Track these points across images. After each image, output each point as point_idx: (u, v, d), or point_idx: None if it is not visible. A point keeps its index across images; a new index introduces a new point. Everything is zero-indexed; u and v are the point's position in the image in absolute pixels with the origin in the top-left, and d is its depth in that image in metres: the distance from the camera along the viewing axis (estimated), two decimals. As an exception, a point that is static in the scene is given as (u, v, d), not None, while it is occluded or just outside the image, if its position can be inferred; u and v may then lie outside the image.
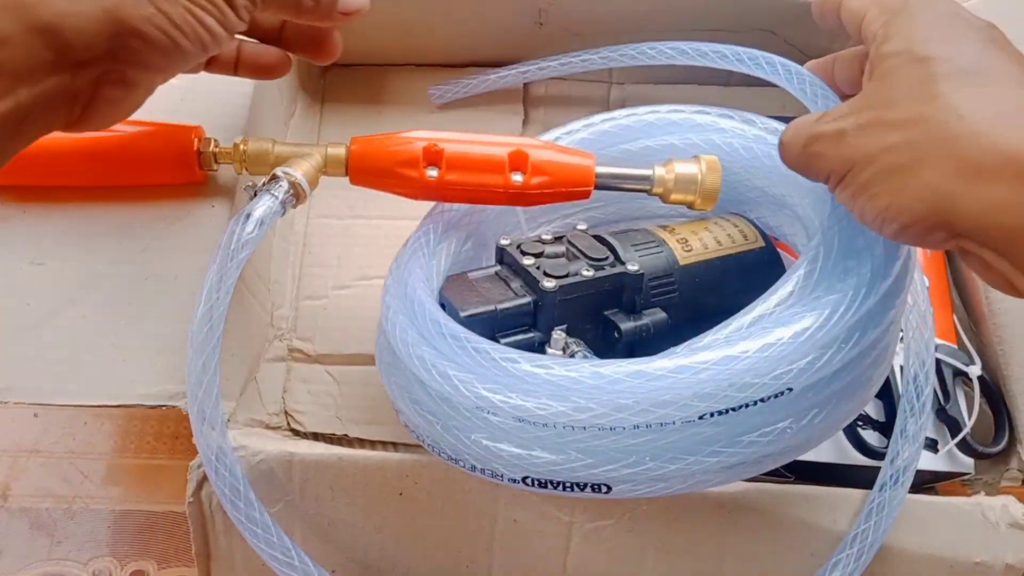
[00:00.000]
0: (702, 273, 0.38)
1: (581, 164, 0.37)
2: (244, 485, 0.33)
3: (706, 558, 0.38)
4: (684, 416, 0.29)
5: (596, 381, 0.29)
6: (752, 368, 0.29)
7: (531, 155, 0.36)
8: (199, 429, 0.33)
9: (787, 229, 0.41)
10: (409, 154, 0.36)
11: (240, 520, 0.33)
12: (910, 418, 0.37)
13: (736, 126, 0.40)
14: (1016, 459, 0.40)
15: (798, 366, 0.29)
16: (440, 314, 0.32)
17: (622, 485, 0.31)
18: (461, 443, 0.32)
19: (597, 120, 0.42)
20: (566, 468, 0.31)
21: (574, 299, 0.35)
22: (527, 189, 0.36)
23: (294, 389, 0.44)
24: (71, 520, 0.46)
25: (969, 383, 0.42)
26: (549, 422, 0.30)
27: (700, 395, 0.29)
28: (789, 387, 0.30)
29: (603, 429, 0.30)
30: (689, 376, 0.29)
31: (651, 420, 0.29)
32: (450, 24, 0.53)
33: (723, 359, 0.29)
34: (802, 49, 0.56)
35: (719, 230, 0.40)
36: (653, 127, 0.41)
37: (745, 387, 0.29)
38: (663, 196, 0.38)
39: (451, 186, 0.36)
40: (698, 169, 0.37)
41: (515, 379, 0.30)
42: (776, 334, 0.29)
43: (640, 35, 0.55)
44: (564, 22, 0.53)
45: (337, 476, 0.38)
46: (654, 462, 0.30)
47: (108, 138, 0.38)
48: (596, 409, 0.29)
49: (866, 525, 0.36)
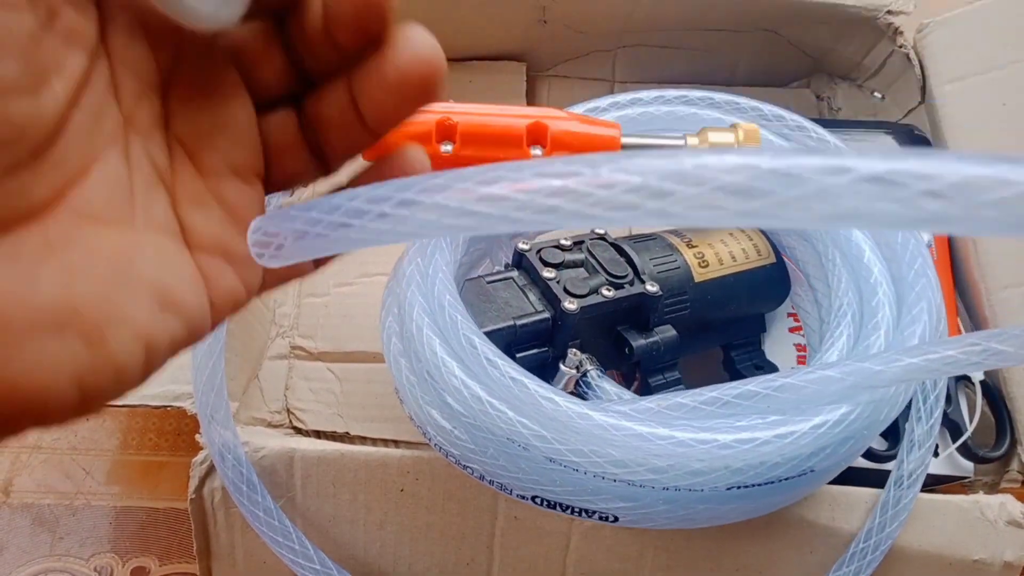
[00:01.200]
0: (714, 290, 0.38)
1: (605, 135, 0.34)
2: (248, 468, 0.34)
3: (705, 556, 0.38)
4: (712, 485, 0.29)
5: (635, 441, 0.29)
6: (780, 452, 0.30)
7: (551, 127, 0.34)
8: (206, 427, 0.33)
9: (799, 253, 0.41)
10: (421, 128, 0.34)
11: (243, 503, 0.34)
12: (916, 423, 0.37)
13: (767, 134, 0.39)
14: (1016, 461, 0.40)
15: (825, 452, 0.30)
16: (475, 333, 0.31)
17: (630, 517, 0.31)
18: (476, 456, 0.32)
19: (624, 100, 0.40)
20: (579, 499, 0.31)
21: (592, 318, 0.34)
22: None
23: (296, 386, 0.44)
24: (73, 516, 0.46)
25: (971, 387, 0.42)
26: (581, 468, 0.29)
27: (731, 470, 0.29)
28: (812, 469, 0.31)
29: (632, 484, 0.30)
30: (722, 451, 0.29)
31: (680, 485, 0.29)
32: (453, 20, 0.52)
33: (759, 441, 0.29)
34: (805, 49, 0.56)
35: (735, 243, 0.39)
36: (682, 121, 0.40)
37: (773, 467, 0.30)
38: None
39: (466, 162, 0.34)
40: (735, 139, 0.35)
41: (551, 420, 0.29)
42: (813, 423, 0.30)
43: (642, 34, 0.55)
44: (567, 19, 0.53)
45: (339, 473, 0.38)
46: (666, 506, 0.31)
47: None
48: (631, 466, 0.29)
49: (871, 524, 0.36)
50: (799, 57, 0.57)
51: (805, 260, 0.40)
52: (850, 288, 0.36)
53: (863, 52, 0.54)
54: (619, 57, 0.57)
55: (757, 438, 0.29)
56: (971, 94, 0.47)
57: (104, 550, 0.45)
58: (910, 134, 0.49)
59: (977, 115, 0.47)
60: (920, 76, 0.50)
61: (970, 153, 0.12)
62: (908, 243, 0.35)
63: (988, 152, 0.12)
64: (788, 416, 0.30)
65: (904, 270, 0.35)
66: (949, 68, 0.48)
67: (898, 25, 0.51)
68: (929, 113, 0.50)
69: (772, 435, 0.29)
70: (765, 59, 0.56)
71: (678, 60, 0.56)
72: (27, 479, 0.48)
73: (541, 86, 0.57)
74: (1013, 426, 0.41)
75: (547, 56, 0.56)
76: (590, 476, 0.30)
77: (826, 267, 0.37)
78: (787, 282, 0.41)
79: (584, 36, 0.54)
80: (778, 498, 0.33)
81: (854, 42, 0.54)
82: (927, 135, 0.50)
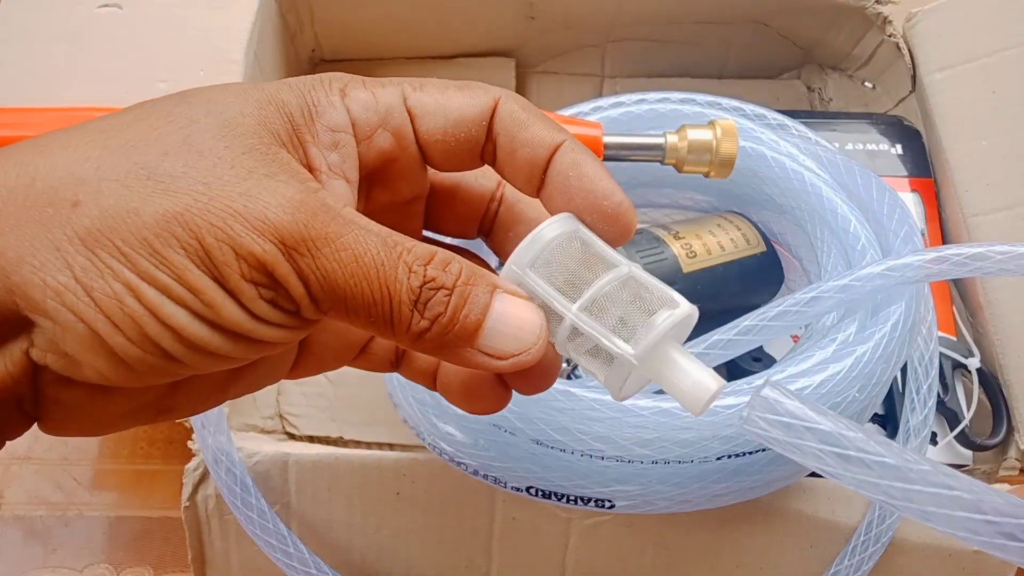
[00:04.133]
0: (704, 280, 0.38)
1: (587, 134, 0.35)
2: (241, 471, 0.33)
3: (704, 552, 0.38)
4: (702, 456, 0.29)
5: (618, 413, 0.29)
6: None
7: None
8: (199, 432, 0.33)
9: (790, 239, 0.41)
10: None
11: (238, 507, 0.33)
12: (911, 413, 0.37)
13: (750, 126, 0.39)
14: (1014, 448, 0.40)
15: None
16: None
17: (626, 503, 0.31)
18: (467, 450, 0.32)
19: (606, 104, 0.40)
20: (573, 484, 0.31)
21: None
22: None
23: (288, 392, 0.43)
24: (66, 527, 0.45)
25: (967, 375, 0.42)
26: (568, 448, 0.29)
27: (719, 438, 0.29)
28: None
29: (622, 461, 0.30)
30: (711, 419, 0.29)
31: (670, 457, 0.29)
32: (441, 17, 0.52)
33: (744, 405, 0.29)
34: (795, 40, 0.56)
35: (723, 234, 0.39)
36: (663, 118, 0.40)
37: None
38: (677, 166, 0.36)
39: None
40: (713, 135, 0.35)
41: (534, 402, 0.29)
42: (798, 384, 0.30)
43: (631, 28, 0.55)
44: (555, 15, 0.53)
45: (334, 477, 0.37)
46: (661, 486, 0.30)
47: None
48: (618, 441, 0.29)
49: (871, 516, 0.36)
50: (789, 48, 0.56)
51: (797, 244, 0.40)
52: (839, 263, 0.36)
53: (853, 42, 0.54)
54: (608, 52, 0.56)
55: (742, 403, 0.29)
56: (961, 82, 0.47)
57: (98, 561, 0.44)
58: (899, 125, 0.49)
59: (967, 103, 0.46)
60: (910, 65, 0.50)
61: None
62: (897, 214, 0.36)
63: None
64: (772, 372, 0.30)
65: (891, 239, 0.35)
66: (938, 57, 0.48)
67: (887, 15, 0.51)
68: (920, 102, 0.50)
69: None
70: (755, 51, 0.56)
71: (667, 54, 0.56)
72: (18, 490, 0.47)
73: (530, 82, 0.56)
74: (1010, 413, 0.41)
75: (536, 52, 0.56)
76: (578, 456, 0.30)
77: (816, 247, 0.38)
78: (780, 271, 0.40)
79: (572, 31, 0.54)
80: (775, 473, 0.32)
81: (844, 32, 0.54)
82: (916, 126, 0.50)
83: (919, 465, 0.16)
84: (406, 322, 0.18)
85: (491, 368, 0.18)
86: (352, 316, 0.18)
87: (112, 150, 0.17)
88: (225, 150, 0.17)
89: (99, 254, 0.16)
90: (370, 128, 0.20)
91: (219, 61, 0.44)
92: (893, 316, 0.32)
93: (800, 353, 0.32)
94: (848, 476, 0.17)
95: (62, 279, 0.15)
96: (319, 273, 0.17)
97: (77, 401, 0.17)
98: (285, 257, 0.17)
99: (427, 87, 0.21)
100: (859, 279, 0.31)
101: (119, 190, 0.16)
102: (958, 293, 0.46)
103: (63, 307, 0.15)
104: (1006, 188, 0.44)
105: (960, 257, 0.30)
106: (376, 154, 0.20)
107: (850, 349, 0.31)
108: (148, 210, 0.16)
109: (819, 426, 0.17)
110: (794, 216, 0.38)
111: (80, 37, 0.44)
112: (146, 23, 0.45)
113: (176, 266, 0.16)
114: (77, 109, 0.38)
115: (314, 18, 0.52)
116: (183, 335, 0.16)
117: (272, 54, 0.49)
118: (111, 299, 0.16)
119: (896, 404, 0.40)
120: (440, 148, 0.21)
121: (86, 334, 0.16)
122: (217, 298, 0.16)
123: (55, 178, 0.16)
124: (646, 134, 0.36)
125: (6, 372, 0.16)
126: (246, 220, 0.16)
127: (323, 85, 0.20)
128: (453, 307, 0.18)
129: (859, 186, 0.37)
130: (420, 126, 0.20)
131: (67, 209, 0.16)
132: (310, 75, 0.20)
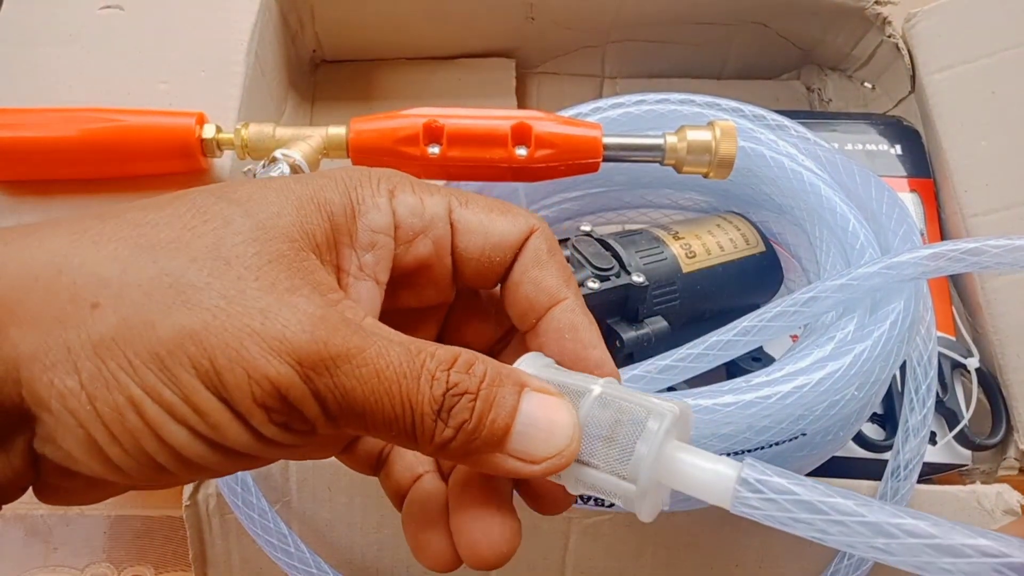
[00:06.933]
0: (704, 280, 0.38)
1: (588, 135, 0.35)
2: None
3: (704, 550, 0.38)
4: None
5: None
6: (766, 413, 0.30)
7: (535, 127, 0.35)
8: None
9: (789, 238, 0.41)
10: (409, 131, 0.35)
11: (238, 506, 0.34)
12: (910, 413, 0.37)
13: (749, 126, 0.39)
14: (1013, 448, 0.40)
15: (813, 414, 0.30)
16: None
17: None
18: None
19: (605, 105, 0.40)
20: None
21: None
22: (532, 163, 0.35)
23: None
24: (67, 526, 0.45)
25: (967, 375, 0.42)
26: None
27: (718, 436, 0.29)
28: (803, 432, 0.31)
29: None
30: (710, 416, 0.29)
31: None
32: (441, 17, 0.52)
33: (744, 403, 0.30)
34: (794, 41, 0.56)
35: (722, 234, 0.40)
36: (663, 118, 0.40)
37: (762, 431, 0.30)
38: (676, 167, 0.36)
39: (454, 162, 0.35)
40: (712, 136, 0.35)
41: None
42: (795, 383, 0.30)
43: (631, 29, 0.55)
44: (554, 16, 0.53)
45: (334, 475, 0.37)
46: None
47: (106, 128, 0.37)
48: None
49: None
50: (789, 49, 0.57)
51: (796, 244, 0.40)
52: (838, 262, 0.36)
53: (852, 43, 0.54)
54: (608, 53, 0.56)
55: (741, 400, 0.29)
56: (960, 83, 0.47)
57: (99, 560, 0.45)
58: (898, 125, 0.49)
59: (966, 104, 0.47)
60: (909, 65, 0.50)
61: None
62: (896, 213, 0.36)
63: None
64: (771, 376, 0.31)
65: (890, 238, 0.35)
66: (937, 57, 0.48)
67: (886, 15, 0.51)
68: (919, 102, 0.50)
69: (755, 396, 0.30)
70: (754, 52, 0.56)
71: (667, 55, 0.56)
72: (19, 490, 0.47)
73: (530, 83, 0.56)
74: (1009, 413, 0.41)
75: (536, 53, 0.56)
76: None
77: (815, 246, 0.38)
78: (779, 271, 0.41)
79: (572, 32, 0.54)
80: (771, 460, 0.32)
81: (843, 33, 0.54)
82: (915, 126, 0.50)
83: (898, 518, 0.17)
84: (429, 433, 0.17)
85: (523, 474, 0.18)
86: (372, 430, 0.17)
87: (141, 250, 0.16)
88: (253, 257, 0.17)
89: (108, 364, 0.15)
90: (412, 233, 0.20)
91: (220, 62, 0.44)
92: (892, 314, 0.32)
93: (799, 351, 0.32)
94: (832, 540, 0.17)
95: (69, 383, 0.15)
96: (338, 392, 0.16)
97: (77, 488, 0.18)
98: (301, 378, 0.16)
99: (472, 204, 0.21)
100: (856, 278, 0.31)
101: (139, 298, 0.16)
102: (957, 293, 0.46)
103: (65, 410, 0.15)
104: (1005, 188, 0.44)
105: (956, 252, 0.30)
106: (413, 259, 0.21)
107: (849, 347, 0.31)
108: (165, 323, 0.16)
109: (801, 497, 0.17)
110: (793, 216, 0.38)
111: (81, 38, 0.44)
112: (147, 24, 0.45)
113: (184, 385, 0.16)
114: (77, 110, 0.39)
115: (315, 18, 0.52)
116: (181, 454, 0.16)
117: (273, 55, 0.49)
118: (113, 412, 0.16)
119: (895, 403, 0.40)
120: (473, 266, 0.21)
121: (84, 439, 0.16)
122: (223, 420, 0.16)
123: (81, 275, 0.16)
124: (645, 135, 0.36)
125: (9, 466, 0.16)
126: (263, 340, 0.16)
127: (371, 183, 0.20)
128: (479, 412, 0.17)
129: (858, 185, 0.37)
130: (460, 241, 0.21)
131: (86, 310, 0.16)
132: (358, 168, 0.20)
